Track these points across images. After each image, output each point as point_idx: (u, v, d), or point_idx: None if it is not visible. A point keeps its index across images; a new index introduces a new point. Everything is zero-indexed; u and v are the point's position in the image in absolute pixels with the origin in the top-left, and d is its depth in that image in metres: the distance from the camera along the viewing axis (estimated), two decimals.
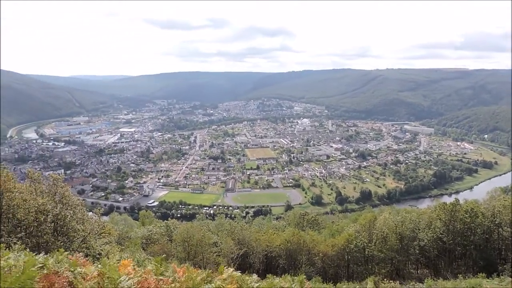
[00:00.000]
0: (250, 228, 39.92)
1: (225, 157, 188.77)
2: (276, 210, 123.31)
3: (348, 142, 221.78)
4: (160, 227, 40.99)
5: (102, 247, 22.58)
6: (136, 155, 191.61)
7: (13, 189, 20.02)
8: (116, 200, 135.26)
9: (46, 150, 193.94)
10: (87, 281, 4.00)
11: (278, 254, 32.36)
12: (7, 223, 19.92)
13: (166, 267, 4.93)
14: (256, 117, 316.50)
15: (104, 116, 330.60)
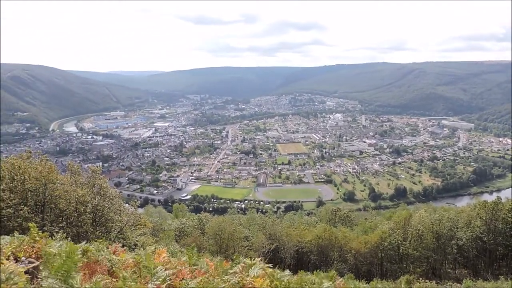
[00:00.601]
0: (281, 223, 39.88)
1: (257, 152, 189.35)
2: (308, 205, 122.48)
3: (382, 138, 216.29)
4: (192, 220, 41.80)
5: (137, 238, 23.40)
6: (169, 149, 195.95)
7: (55, 181, 21.05)
8: (150, 192, 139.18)
9: (85, 143, 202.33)
10: (124, 270, 4.14)
11: (309, 250, 32.16)
12: (50, 213, 21.02)
13: (198, 259, 5.01)
14: (287, 112, 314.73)
15: (139, 110, 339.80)
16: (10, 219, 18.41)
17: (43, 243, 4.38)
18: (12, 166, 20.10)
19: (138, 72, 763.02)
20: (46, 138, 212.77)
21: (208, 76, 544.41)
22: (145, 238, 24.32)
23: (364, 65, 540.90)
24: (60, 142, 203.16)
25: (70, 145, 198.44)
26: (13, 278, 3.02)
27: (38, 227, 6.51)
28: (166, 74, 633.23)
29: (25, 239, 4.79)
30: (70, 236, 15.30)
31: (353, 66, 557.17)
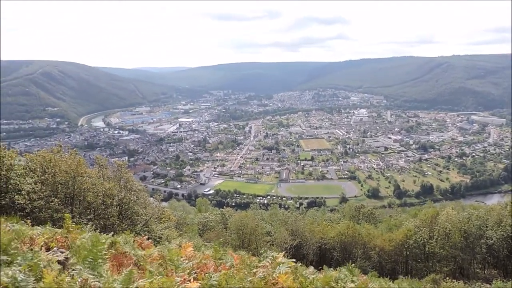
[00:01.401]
0: (303, 219, 39.70)
1: (280, 148, 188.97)
2: (331, 202, 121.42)
3: (408, 134, 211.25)
4: (215, 215, 42.27)
5: (162, 231, 23.85)
6: (193, 144, 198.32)
7: (84, 174, 21.70)
8: (174, 187, 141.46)
9: (112, 138, 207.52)
10: (150, 262, 4.23)
11: (332, 247, 31.93)
12: (78, 205, 21.70)
13: (223, 253, 5.07)
14: (311, 108, 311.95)
15: (164, 106, 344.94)
16: (41, 210, 19.13)
17: (76, 234, 4.54)
18: (43, 159, 20.87)
19: (164, 68, 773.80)
20: (75, 133, 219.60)
21: (232, 72, 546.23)
22: (169, 231, 24.79)
23: (389, 59, 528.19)
24: (88, 136, 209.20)
25: (98, 139, 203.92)
26: (51, 266, 3.16)
27: None
28: (190, 70, 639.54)
29: (58, 231, 5.00)
30: (98, 228, 15.80)
31: (378, 60, 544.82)
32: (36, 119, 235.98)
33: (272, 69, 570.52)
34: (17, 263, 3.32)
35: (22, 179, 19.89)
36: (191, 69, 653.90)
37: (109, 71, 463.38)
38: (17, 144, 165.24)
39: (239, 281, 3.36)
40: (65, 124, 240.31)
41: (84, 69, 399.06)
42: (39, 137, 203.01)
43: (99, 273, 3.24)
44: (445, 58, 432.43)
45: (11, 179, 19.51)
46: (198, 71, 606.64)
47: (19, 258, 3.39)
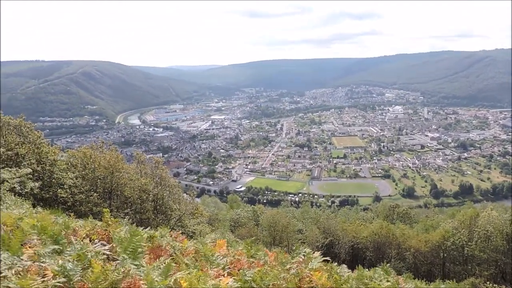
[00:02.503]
0: (336, 217, 39.26)
1: (311, 145, 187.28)
2: (364, 200, 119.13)
3: (446, 131, 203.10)
4: (247, 212, 42.54)
5: (195, 227, 24.33)
6: (225, 141, 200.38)
7: (121, 169, 22.51)
8: (207, 183, 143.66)
9: (147, 135, 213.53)
10: (185, 256, 4.35)
11: (365, 246, 31.37)
12: (116, 199, 22.55)
13: (257, 250, 5.12)
14: (344, 105, 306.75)
15: (197, 104, 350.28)
16: (82, 204, 20.02)
17: (115, 228, 4.75)
18: (84, 155, 21.83)
19: (197, 66, 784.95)
20: (112, 130, 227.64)
21: (264, 69, 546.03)
22: (202, 227, 25.22)
23: (426, 54, 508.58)
24: (124, 133, 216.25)
25: (134, 136, 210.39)
26: (98, 256, 3.34)
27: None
28: (222, 68, 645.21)
29: (98, 223, 5.26)
30: (134, 222, 16.34)
31: (414, 55, 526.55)
32: (76, 116, 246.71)
33: (304, 66, 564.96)
34: (67, 253, 3.55)
35: (64, 174, 20.89)
36: (223, 67, 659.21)
37: (144, 70, 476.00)
38: (59, 141, 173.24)
39: (273, 278, 3.39)
40: (103, 121, 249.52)
41: (120, 68, 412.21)
42: (79, 133, 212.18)
43: (140, 264, 3.39)
44: (487, 52, 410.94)
45: (54, 174, 20.55)
46: (229, 69, 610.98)
47: (69, 248, 3.63)
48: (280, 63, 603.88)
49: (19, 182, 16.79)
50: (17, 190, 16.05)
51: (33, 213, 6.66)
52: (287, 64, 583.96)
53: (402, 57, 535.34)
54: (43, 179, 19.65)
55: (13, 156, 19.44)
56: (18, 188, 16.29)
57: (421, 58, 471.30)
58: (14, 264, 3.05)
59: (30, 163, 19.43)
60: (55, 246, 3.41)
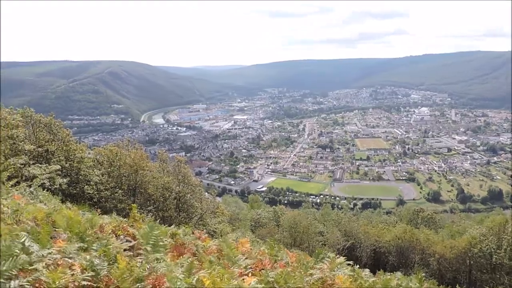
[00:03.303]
0: (357, 220, 38.72)
1: (334, 147, 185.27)
2: (387, 204, 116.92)
3: (475, 134, 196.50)
4: (268, 212, 42.57)
5: (216, 226, 24.52)
6: (247, 141, 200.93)
7: (145, 168, 22.97)
8: (228, 183, 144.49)
9: (170, 134, 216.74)
10: (208, 255, 4.40)
11: (387, 250, 30.79)
12: (140, 196, 23.00)
13: (279, 250, 5.12)
14: (368, 106, 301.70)
15: (220, 103, 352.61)
16: (107, 200, 20.54)
17: (140, 224, 4.86)
18: (111, 152, 22.41)
19: (220, 66, 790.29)
20: (137, 128, 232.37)
21: (286, 69, 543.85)
22: (223, 226, 25.40)
23: (454, 55, 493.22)
24: (149, 132, 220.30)
25: (158, 135, 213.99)
26: (123, 252, 3.43)
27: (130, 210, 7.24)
28: (245, 68, 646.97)
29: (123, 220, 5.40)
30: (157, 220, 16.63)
31: (441, 56, 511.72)
32: (103, 115, 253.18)
33: (327, 66, 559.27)
34: (94, 248, 3.68)
35: (91, 171, 21.49)
36: (245, 67, 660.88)
37: (169, 70, 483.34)
38: (86, 139, 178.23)
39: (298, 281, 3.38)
40: (129, 120, 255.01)
41: (146, 68, 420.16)
42: (106, 132, 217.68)
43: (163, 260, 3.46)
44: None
45: (81, 171, 21.17)
46: (252, 69, 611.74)
47: (95, 244, 3.75)
48: (303, 63, 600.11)
49: (48, 178, 17.38)
50: (46, 185, 16.63)
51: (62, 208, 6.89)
52: (310, 64, 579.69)
53: (429, 57, 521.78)
54: (71, 176, 20.27)
55: (43, 152, 20.16)
56: (47, 184, 16.87)
57: (449, 58, 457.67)
58: (44, 257, 3.17)
59: (59, 160, 20.09)
60: (81, 244, 3.55)
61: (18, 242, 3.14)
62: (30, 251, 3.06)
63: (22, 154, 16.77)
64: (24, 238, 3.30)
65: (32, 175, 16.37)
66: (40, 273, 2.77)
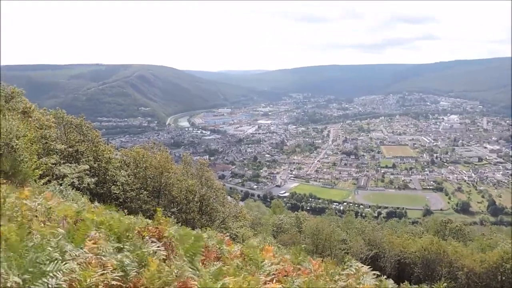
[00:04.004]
0: (382, 229, 37.85)
1: (359, 153, 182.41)
2: (413, 213, 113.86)
3: (508, 144, 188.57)
4: (290, 218, 42.29)
5: (237, 230, 24.59)
6: (271, 146, 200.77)
7: (170, 170, 23.35)
8: (251, 187, 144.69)
9: (195, 137, 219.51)
10: (232, 259, 4.40)
11: (413, 262, 29.90)
12: (164, 198, 23.39)
13: (303, 258, 5.07)
14: (394, 112, 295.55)
15: (244, 108, 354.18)
16: (132, 200, 20.99)
17: (165, 226, 4.93)
18: (137, 154, 22.93)
19: (245, 71, 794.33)
20: (163, 131, 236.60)
21: (312, 75, 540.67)
22: (244, 230, 25.44)
23: (486, 60, 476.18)
24: (174, 135, 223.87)
25: (183, 138, 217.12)
26: (155, 255, 3.50)
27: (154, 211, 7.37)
28: (270, 73, 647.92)
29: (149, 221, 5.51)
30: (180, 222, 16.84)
31: (473, 61, 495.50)
32: (130, 117, 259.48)
33: (353, 72, 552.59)
34: (126, 249, 3.77)
35: (118, 172, 22.05)
36: (271, 72, 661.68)
37: (195, 74, 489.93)
38: (114, 140, 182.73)
39: None
40: (155, 123, 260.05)
41: (173, 72, 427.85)
42: (133, 134, 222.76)
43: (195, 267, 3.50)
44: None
45: (109, 171, 21.75)
46: (277, 74, 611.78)
47: (127, 245, 3.85)
48: (328, 68, 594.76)
49: (77, 177, 17.96)
50: (75, 184, 17.16)
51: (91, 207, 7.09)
52: (336, 70, 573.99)
53: (460, 63, 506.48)
54: (98, 175, 20.86)
55: (74, 152, 20.86)
56: (76, 183, 17.42)
57: (481, 64, 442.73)
58: (78, 255, 3.28)
59: (87, 160, 20.73)
60: (118, 244, 3.65)
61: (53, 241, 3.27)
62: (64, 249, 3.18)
63: (54, 154, 17.41)
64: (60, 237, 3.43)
65: (63, 174, 16.96)
66: (73, 271, 2.85)
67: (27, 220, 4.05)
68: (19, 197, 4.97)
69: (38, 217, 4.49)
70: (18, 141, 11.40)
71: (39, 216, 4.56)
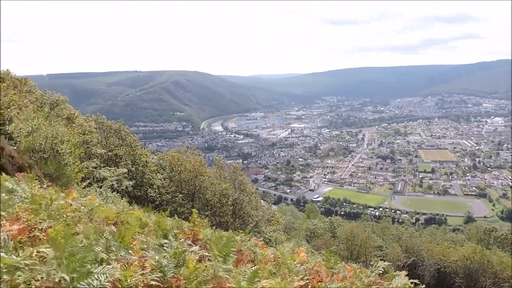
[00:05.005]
0: (420, 236, 36.59)
1: (395, 157, 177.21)
2: (453, 220, 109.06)
3: None
4: (324, 222, 41.81)
5: (270, 234, 24.59)
6: (304, 150, 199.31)
7: (204, 174, 23.77)
8: (284, 191, 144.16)
9: (228, 141, 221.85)
10: (265, 263, 4.44)
11: (453, 271, 28.65)
12: (198, 201, 23.82)
13: (335, 263, 5.03)
14: (433, 115, 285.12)
15: (277, 112, 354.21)
16: (168, 203, 21.55)
17: (200, 228, 5.06)
18: (173, 158, 23.55)
19: (278, 75, 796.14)
20: (197, 135, 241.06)
21: (345, 78, 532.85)
22: (278, 234, 25.39)
23: None
24: (208, 139, 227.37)
25: (216, 142, 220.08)
26: (192, 255, 3.62)
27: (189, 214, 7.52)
28: (303, 76, 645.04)
29: (185, 223, 5.67)
30: (213, 225, 17.10)
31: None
32: (166, 122, 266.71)
33: (388, 74, 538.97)
34: (164, 249, 3.93)
35: (154, 175, 22.74)
36: (304, 76, 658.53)
37: (228, 79, 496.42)
38: (150, 144, 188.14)
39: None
40: (189, 127, 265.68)
41: (207, 77, 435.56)
42: (168, 138, 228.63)
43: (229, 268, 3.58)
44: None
45: (146, 174, 22.47)
46: (310, 77, 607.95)
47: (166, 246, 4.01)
48: (362, 71, 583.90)
49: (116, 180, 18.68)
50: (115, 187, 17.84)
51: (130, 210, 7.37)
52: (370, 72, 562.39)
53: (504, 63, 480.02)
54: (136, 179, 21.59)
55: (113, 156, 21.73)
56: (115, 186, 18.12)
57: None
58: (121, 256, 3.45)
59: (126, 164, 21.53)
60: (162, 243, 3.81)
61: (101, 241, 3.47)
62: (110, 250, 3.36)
63: (95, 158, 18.23)
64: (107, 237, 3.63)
65: (103, 177, 17.72)
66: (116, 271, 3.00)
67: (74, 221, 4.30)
68: (66, 198, 5.27)
69: (81, 218, 4.74)
70: (62, 145, 12.04)
71: (82, 217, 4.82)
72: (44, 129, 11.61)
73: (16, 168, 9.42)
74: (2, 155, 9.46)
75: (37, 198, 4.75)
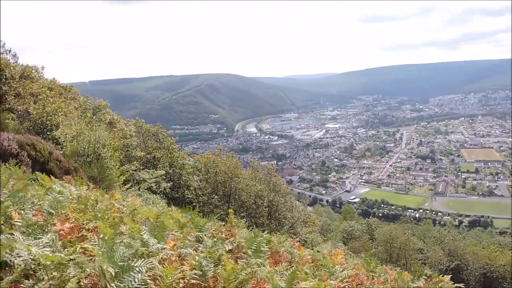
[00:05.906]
0: (464, 239, 35.00)
1: (435, 157, 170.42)
2: (500, 223, 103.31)
3: None
4: (361, 224, 40.99)
5: (306, 235, 24.41)
6: (339, 150, 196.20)
7: (239, 175, 24.00)
8: (319, 192, 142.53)
9: (263, 143, 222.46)
10: (303, 265, 4.43)
11: (501, 276, 27.16)
12: (234, 203, 24.07)
13: (375, 265, 4.92)
14: (476, 113, 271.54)
15: (311, 112, 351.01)
16: (204, 205, 21.95)
17: (237, 229, 5.14)
18: (208, 160, 23.98)
19: (312, 75, 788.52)
20: (231, 137, 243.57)
21: (381, 76, 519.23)
22: (314, 236, 25.16)
23: None
24: (242, 141, 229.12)
25: (250, 144, 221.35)
26: (229, 255, 3.70)
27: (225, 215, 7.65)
28: (338, 76, 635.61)
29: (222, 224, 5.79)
30: (249, 226, 17.21)
31: None
32: (201, 125, 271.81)
33: (427, 71, 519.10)
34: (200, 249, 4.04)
35: (190, 177, 23.26)
36: (338, 75, 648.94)
37: (262, 80, 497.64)
38: (186, 147, 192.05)
39: None
40: (224, 129, 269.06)
41: (240, 79, 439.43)
42: (203, 140, 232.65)
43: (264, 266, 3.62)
44: None
45: (183, 176, 23.03)
46: (345, 76, 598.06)
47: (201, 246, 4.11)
48: (399, 68, 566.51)
49: (155, 182, 19.28)
50: (153, 189, 18.41)
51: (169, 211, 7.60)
52: (408, 70, 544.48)
53: None
54: (173, 180, 22.19)
55: (151, 159, 22.46)
56: (154, 187, 18.69)
57: None
58: (160, 252, 3.58)
59: (163, 166, 22.19)
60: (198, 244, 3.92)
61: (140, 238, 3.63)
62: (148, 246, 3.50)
63: (134, 160, 18.91)
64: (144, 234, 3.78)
65: (142, 179, 18.35)
66: (156, 267, 3.11)
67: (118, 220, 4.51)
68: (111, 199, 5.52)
69: (124, 218, 4.95)
70: (104, 149, 12.60)
71: (125, 217, 5.03)
72: (87, 133, 12.20)
73: (63, 171, 9.98)
74: (50, 159, 10.04)
75: (83, 199, 5.03)
